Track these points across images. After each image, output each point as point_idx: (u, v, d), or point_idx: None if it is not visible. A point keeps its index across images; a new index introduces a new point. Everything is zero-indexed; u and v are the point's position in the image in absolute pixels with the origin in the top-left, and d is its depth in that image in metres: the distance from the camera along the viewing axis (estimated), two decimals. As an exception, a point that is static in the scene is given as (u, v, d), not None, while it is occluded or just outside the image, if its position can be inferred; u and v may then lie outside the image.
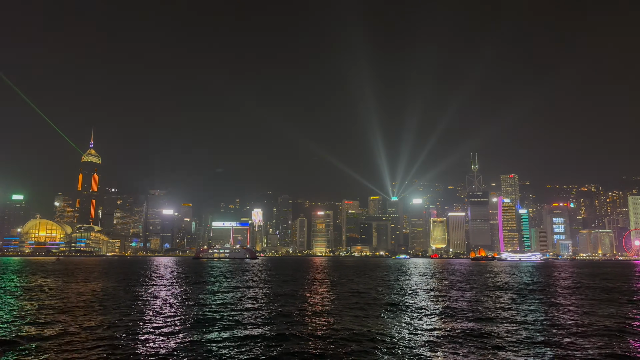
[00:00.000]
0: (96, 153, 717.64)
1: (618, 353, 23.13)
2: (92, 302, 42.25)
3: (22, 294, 49.44)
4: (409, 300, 46.58)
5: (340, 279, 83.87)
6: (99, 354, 22.01)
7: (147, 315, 34.18)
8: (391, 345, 24.43)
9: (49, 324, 29.68)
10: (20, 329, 27.94)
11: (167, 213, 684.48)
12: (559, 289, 62.41)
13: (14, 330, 27.72)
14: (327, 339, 25.81)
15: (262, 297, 48.62)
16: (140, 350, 22.78)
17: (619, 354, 23.01)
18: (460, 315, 35.47)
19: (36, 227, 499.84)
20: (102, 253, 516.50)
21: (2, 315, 33.74)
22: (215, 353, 22.64)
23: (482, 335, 27.19)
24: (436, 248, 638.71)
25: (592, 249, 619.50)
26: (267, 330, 28.52)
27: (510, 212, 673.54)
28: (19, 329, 27.95)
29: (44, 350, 22.56)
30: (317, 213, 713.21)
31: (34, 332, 27.07)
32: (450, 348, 23.99)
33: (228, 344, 24.54)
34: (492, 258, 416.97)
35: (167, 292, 53.84)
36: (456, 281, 78.73)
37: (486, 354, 22.74)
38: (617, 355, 22.71)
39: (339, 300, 46.04)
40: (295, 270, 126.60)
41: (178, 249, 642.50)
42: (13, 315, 33.81)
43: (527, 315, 35.96)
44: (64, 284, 64.29)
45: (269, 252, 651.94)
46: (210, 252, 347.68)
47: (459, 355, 22.58)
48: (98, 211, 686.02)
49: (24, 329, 27.94)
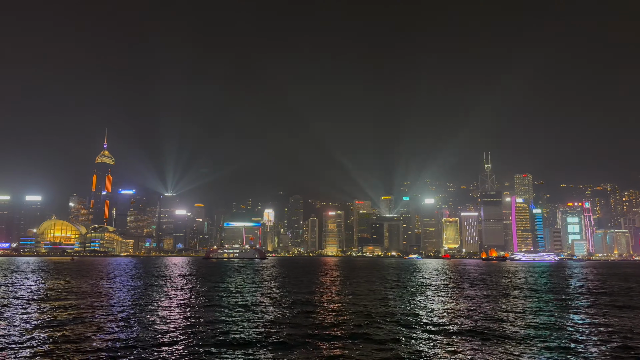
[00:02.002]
0: (110, 154, 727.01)
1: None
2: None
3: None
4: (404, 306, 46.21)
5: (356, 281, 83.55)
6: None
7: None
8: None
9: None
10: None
11: (180, 213, 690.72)
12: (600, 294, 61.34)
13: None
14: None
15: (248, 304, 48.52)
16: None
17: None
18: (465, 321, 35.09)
19: (51, 227, 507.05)
20: (116, 253, 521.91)
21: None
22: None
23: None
24: (449, 248, 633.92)
25: (607, 249, 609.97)
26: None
27: (524, 212, 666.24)
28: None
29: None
30: (329, 213, 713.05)
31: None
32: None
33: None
34: (504, 258, 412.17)
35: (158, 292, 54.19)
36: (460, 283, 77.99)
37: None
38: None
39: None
40: (306, 272, 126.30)
41: (191, 249, 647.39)
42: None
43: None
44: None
45: (280, 252, 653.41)
46: (220, 252, 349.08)
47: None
48: (112, 212, 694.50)
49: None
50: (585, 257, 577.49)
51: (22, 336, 26.92)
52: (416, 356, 23.11)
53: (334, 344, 25.67)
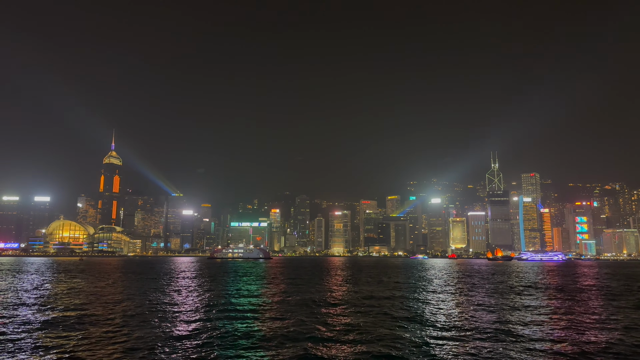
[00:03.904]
0: (117, 155, 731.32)
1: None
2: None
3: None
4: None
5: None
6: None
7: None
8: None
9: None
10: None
11: (187, 214, 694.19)
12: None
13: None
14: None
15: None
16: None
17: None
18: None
19: (60, 228, 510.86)
20: (124, 253, 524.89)
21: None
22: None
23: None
24: (456, 248, 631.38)
25: (616, 248, 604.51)
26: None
27: (532, 212, 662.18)
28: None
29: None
30: (335, 213, 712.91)
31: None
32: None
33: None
34: (510, 258, 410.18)
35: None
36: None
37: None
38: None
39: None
40: (312, 273, 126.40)
41: (198, 249, 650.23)
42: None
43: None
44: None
45: (287, 252, 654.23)
46: (225, 252, 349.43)
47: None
48: (119, 212, 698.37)
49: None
50: (594, 257, 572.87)
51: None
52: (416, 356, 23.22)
53: (343, 345, 25.82)
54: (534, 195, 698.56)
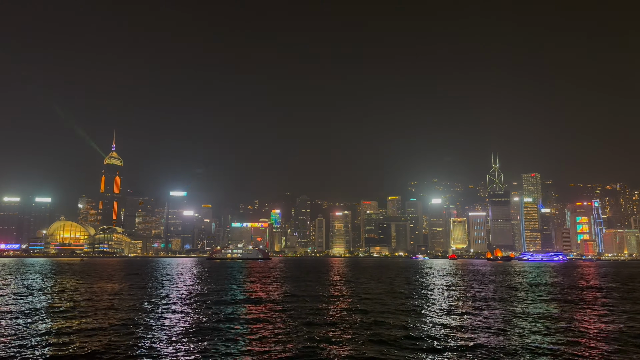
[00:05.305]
0: (118, 156, 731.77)
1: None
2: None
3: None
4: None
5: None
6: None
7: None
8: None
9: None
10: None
11: (188, 214, 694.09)
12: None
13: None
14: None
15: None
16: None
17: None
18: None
19: (61, 228, 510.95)
20: (125, 254, 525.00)
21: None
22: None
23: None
24: (456, 248, 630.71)
25: (617, 249, 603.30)
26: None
27: (532, 212, 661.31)
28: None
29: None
30: (336, 213, 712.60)
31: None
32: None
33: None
34: (509, 258, 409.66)
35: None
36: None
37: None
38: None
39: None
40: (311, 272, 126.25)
41: (199, 249, 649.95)
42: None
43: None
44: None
45: (287, 253, 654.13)
46: (224, 253, 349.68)
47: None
48: (120, 213, 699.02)
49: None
50: (595, 257, 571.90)
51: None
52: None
53: (344, 345, 25.90)
54: (535, 196, 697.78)
